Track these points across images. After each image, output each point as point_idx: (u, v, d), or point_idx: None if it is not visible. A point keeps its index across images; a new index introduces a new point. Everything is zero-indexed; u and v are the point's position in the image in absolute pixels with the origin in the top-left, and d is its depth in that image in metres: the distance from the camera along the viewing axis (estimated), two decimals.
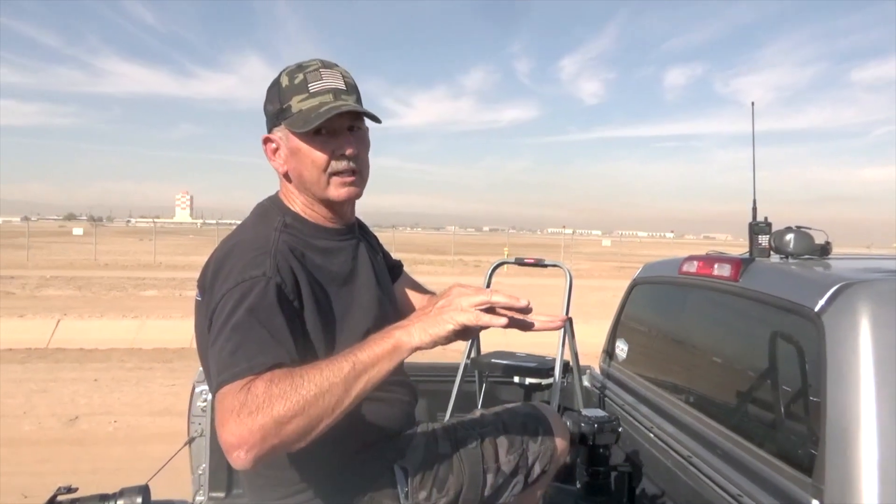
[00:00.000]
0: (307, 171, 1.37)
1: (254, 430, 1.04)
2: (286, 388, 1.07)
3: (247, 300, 1.20)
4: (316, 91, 1.35)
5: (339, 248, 1.45)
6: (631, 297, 2.86)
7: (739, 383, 1.99)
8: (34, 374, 7.25)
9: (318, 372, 1.10)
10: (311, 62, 1.39)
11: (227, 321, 1.18)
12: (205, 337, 1.32)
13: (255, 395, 1.06)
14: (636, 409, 2.41)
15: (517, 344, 3.45)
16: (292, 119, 1.35)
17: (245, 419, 1.04)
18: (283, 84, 1.37)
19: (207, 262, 1.34)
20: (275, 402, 1.06)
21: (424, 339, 1.16)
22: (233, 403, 1.07)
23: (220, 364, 1.14)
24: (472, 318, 1.16)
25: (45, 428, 5.47)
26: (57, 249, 30.72)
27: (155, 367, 7.79)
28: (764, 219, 2.03)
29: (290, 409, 1.06)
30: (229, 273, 1.24)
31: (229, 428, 1.05)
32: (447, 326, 1.16)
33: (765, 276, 1.87)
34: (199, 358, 1.42)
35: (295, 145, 1.37)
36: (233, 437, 1.04)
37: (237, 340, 1.15)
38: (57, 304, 12.10)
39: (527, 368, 2.63)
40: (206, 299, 1.29)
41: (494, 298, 1.19)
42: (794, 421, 1.68)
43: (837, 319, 1.49)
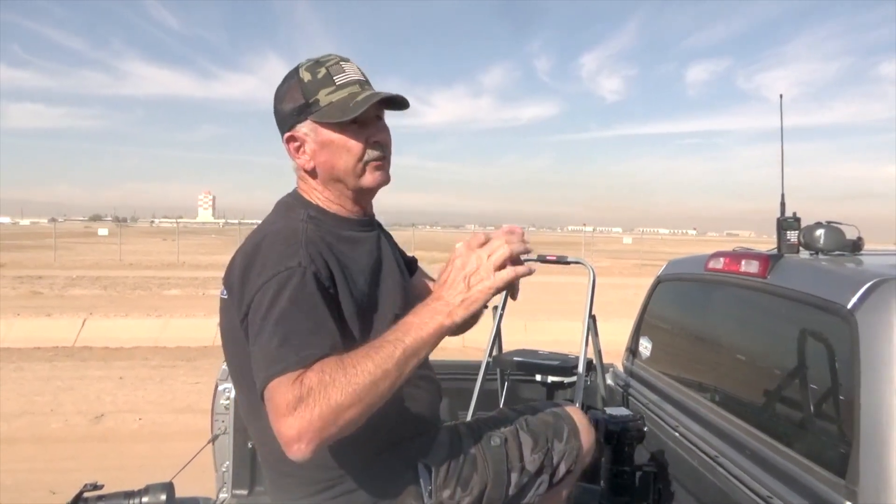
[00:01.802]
0: (342, 160, 1.38)
1: (313, 422, 1.06)
2: (340, 378, 1.10)
3: (286, 291, 1.19)
4: (343, 83, 1.36)
5: (363, 238, 1.45)
6: (655, 294, 2.82)
7: (768, 382, 1.95)
8: (61, 372, 7.37)
9: (370, 359, 1.13)
10: (329, 57, 1.40)
11: (268, 313, 1.18)
12: (233, 334, 1.33)
13: (310, 388, 1.08)
14: (661, 407, 2.37)
15: (539, 342, 3.42)
16: (323, 111, 1.35)
17: (303, 412, 1.07)
18: (304, 79, 1.37)
19: (233, 259, 1.34)
20: (331, 393, 1.08)
21: (466, 315, 1.19)
22: (287, 397, 1.08)
23: (268, 357, 1.15)
24: (504, 279, 1.19)
25: (71, 425, 5.55)
26: (83, 250, 31.20)
27: (178, 365, 7.87)
28: (793, 214, 1.98)
29: (347, 399, 1.09)
30: (263, 266, 1.24)
31: (288, 422, 1.07)
32: (484, 297, 1.19)
33: (794, 272, 1.83)
34: (225, 355, 1.42)
35: (326, 138, 1.37)
36: (292, 430, 1.07)
37: (283, 333, 1.16)
38: (83, 304, 12.29)
39: (549, 367, 2.60)
40: (235, 296, 1.28)
41: (515, 248, 1.22)
42: (826, 420, 1.64)
43: (871, 316, 1.45)
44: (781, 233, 1.96)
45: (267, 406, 1.12)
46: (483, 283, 1.19)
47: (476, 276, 1.20)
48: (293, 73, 1.40)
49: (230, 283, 1.32)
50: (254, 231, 1.39)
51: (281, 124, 1.42)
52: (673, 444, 2.14)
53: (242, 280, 1.26)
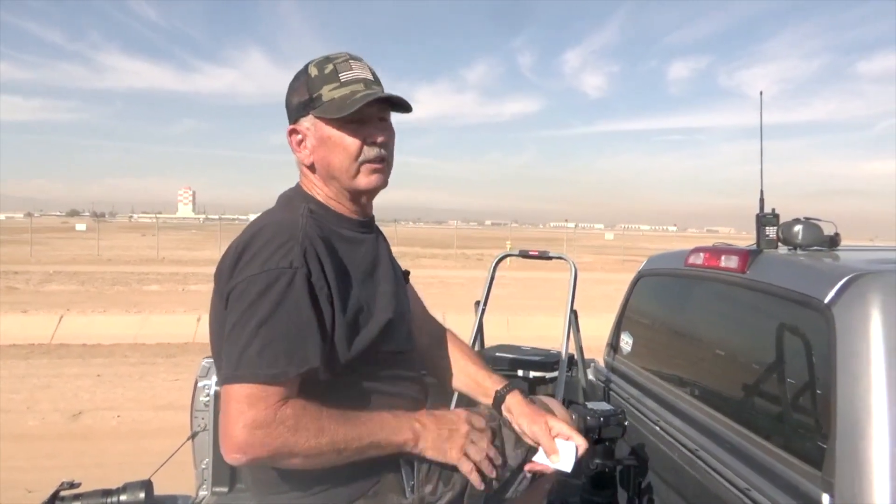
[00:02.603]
0: (337, 158, 1.38)
1: (268, 449, 1.14)
2: (312, 428, 1.18)
3: (272, 292, 1.20)
4: (347, 80, 1.36)
5: (361, 238, 1.46)
6: (636, 289, 2.84)
7: (747, 376, 1.97)
8: (37, 369, 7.27)
9: (343, 428, 1.22)
10: (340, 54, 1.41)
11: (251, 310, 1.18)
12: (218, 325, 1.32)
13: (282, 422, 1.15)
14: (641, 402, 2.39)
15: (522, 338, 3.43)
16: (324, 107, 1.36)
17: (265, 438, 1.13)
18: (311, 74, 1.38)
19: (228, 249, 1.33)
20: (298, 436, 1.16)
21: (428, 456, 1.35)
22: (256, 414, 1.13)
23: (243, 358, 1.15)
24: (466, 465, 1.37)
25: (48, 423, 5.48)
26: (60, 245, 30.78)
27: (158, 362, 7.80)
28: (771, 210, 2.01)
29: (305, 450, 1.17)
30: (254, 256, 1.24)
31: (244, 435, 1.12)
32: (448, 457, 1.36)
33: (773, 267, 1.85)
34: (212, 348, 1.40)
35: (325, 134, 1.37)
36: (243, 442, 1.12)
37: (263, 339, 1.17)
38: (60, 300, 12.12)
39: (531, 362, 2.61)
40: (224, 281, 1.27)
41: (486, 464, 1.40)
42: (804, 414, 1.66)
43: (848, 311, 1.47)
44: (760, 228, 1.98)
45: (224, 401, 1.15)
46: (450, 451, 1.36)
47: (454, 442, 1.36)
48: (305, 68, 1.41)
49: (220, 270, 1.31)
50: (253, 221, 1.39)
51: (288, 117, 1.43)
52: (653, 439, 2.16)
53: (234, 265, 1.26)
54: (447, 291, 14.65)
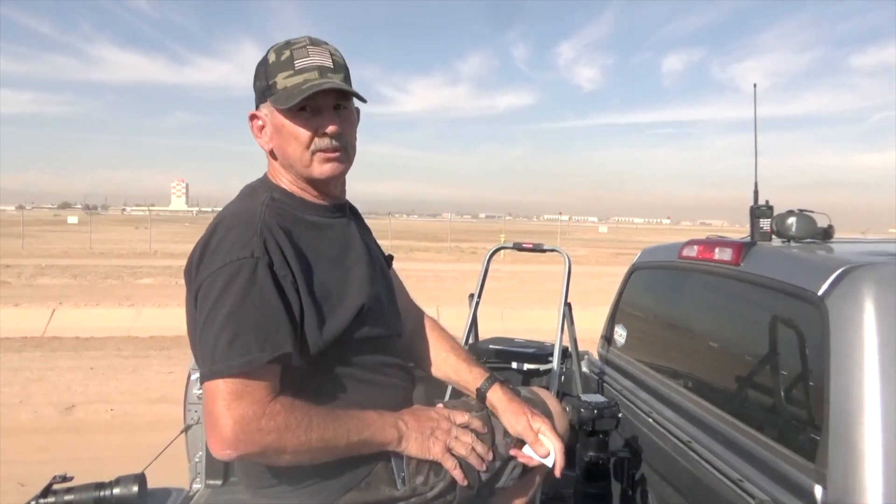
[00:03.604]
0: (290, 148, 1.37)
1: (258, 445, 1.15)
2: (302, 426, 1.19)
3: (236, 283, 1.19)
4: (301, 68, 1.34)
5: (328, 224, 1.44)
6: (630, 282, 2.84)
7: (740, 368, 1.98)
8: (30, 363, 7.23)
9: (331, 425, 1.23)
10: (300, 39, 1.37)
11: (217, 304, 1.18)
12: (193, 323, 1.31)
13: (272, 417, 1.15)
14: (635, 394, 2.40)
15: (516, 330, 3.44)
16: (276, 96, 1.34)
17: (254, 434, 1.14)
18: (269, 61, 1.36)
19: (194, 247, 1.33)
20: (288, 434, 1.17)
21: (411, 454, 1.36)
22: (245, 412, 1.14)
23: (216, 353, 1.15)
24: (450, 461, 1.39)
25: (41, 416, 5.46)
26: (52, 238, 30.59)
27: (151, 355, 7.78)
28: (765, 202, 2.01)
29: (294, 446, 1.18)
30: (215, 251, 1.23)
31: (237, 429, 1.13)
32: (432, 454, 1.37)
33: (767, 259, 1.85)
34: (191, 343, 1.40)
35: (279, 122, 1.36)
36: (233, 438, 1.13)
37: (232, 329, 1.16)
38: (52, 293, 12.06)
39: (525, 354, 2.61)
40: (191, 280, 1.28)
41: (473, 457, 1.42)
42: (797, 405, 1.67)
43: (841, 303, 1.48)
44: (754, 221, 1.99)
45: (208, 399, 1.15)
46: (434, 448, 1.37)
47: (437, 438, 1.38)
48: (267, 53, 1.39)
49: (188, 269, 1.31)
50: (215, 217, 1.38)
51: (255, 101, 1.42)
52: (647, 430, 2.17)
53: (198, 263, 1.26)
54: (441, 285, 14.64)
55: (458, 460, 1.43)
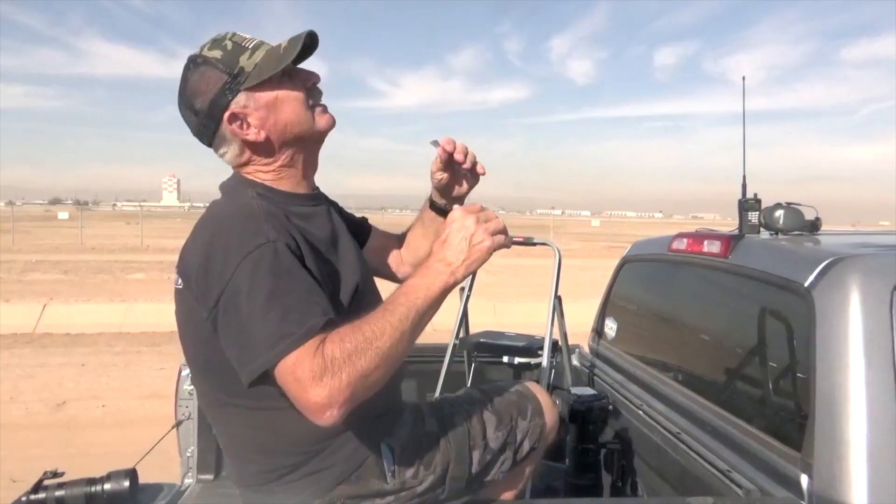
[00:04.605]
0: (292, 113, 1.35)
1: (343, 389, 1.09)
2: (360, 343, 1.12)
3: (263, 268, 1.17)
4: (254, 46, 1.33)
5: (314, 212, 1.43)
6: (620, 275, 2.86)
7: (729, 360, 1.99)
8: (21, 359, 7.20)
9: (387, 324, 1.16)
10: (220, 34, 1.36)
11: (252, 296, 1.15)
12: (193, 325, 1.30)
13: (332, 358, 1.10)
14: (625, 387, 2.41)
15: (507, 324, 3.45)
16: (253, 75, 1.31)
17: (330, 381, 1.08)
18: (217, 57, 1.32)
19: (187, 248, 1.30)
20: (355, 359, 1.11)
21: (467, 274, 1.26)
22: (310, 369, 1.09)
23: (271, 337, 1.12)
24: (500, 243, 1.30)
25: (32, 413, 5.44)
26: (42, 234, 30.42)
27: (143, 351, 7.76)
28: (754, 195, 2.02)
29: (371, 362, 1.12)
30: (228, 249, 1.20)
31: (316, 392, 1.08)
32: (483, 257, 1.27)
33: (754, 252, 1.87)
34: (184, 347, 1.39)
35: (269, 98, 1.33)
36: (322, 398, 1.08)
37: (279, 309, 1.14)
38: (43, 289, 12.00)
39: (516, 348, 2.62)
40: (197, 288, 1.23)
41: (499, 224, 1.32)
42: (784, 396, 1.68)
43: (827, 294, 1.49)
44: (743, 214, 2.00)
45: (285, 383, 1.12)
46: (483, 244, 1.27)
47: (477, 237, 1.26)
48: (194, 63, 1.34)
49: (186, 273, 1.28)
50: (203, 218, 1.34)
51: (210, 116, 1.34)
52: (637, 423, 2.18)
53: (205, 270, 1.21)
54: None
55: (452, 450, 1.44)
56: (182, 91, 1.36)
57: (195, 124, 1.37)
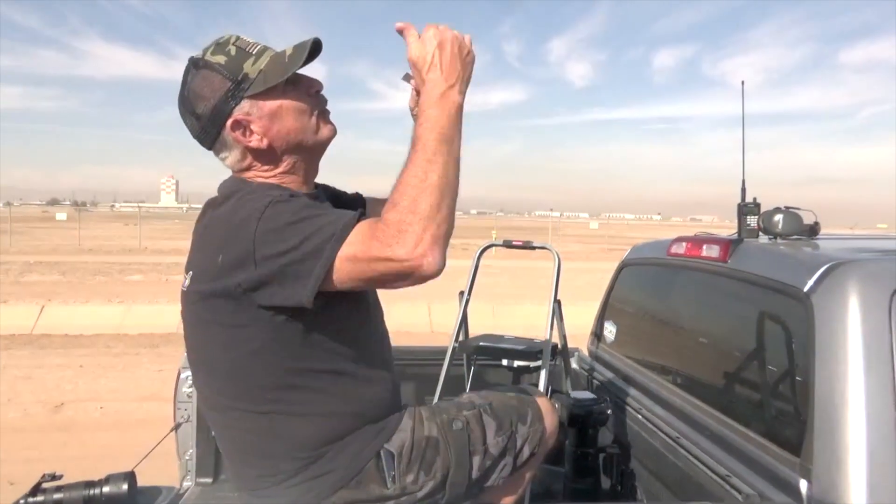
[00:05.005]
0: (296, 121, 1.35)
1: (423, 234, 1.10)
2: (413, 191, 1.13)
3: (289, 208, 1.19)
4: (258, 52, 1.32)
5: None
6: (619, 278, 2.86)
7: (728, 364, 1.99)
8: (18, 360, 7.18)
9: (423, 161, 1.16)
10: (223, 37, 1.35)
11: (288, 230, 1.16)
12: (200, 325, 1.31)
13: (397, 215, 1.11)
14: (624, 390, 2.41)
15: (507, 326, 3.45)
16: (258, 82, 1.30)
17: (405, 234, 1.10)
18: (220, 62, 1.30)
19: (202, 242, 1.30)
20: (418, 203, 1.12)
21: (467, 87, 1.27)
22: (382, 235, 1.11)
23: (323, 237, 1.14)
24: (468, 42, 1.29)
25: (30, 415, 5.43)
26: (40, 235, 30.37)
27: (142, 353, 7.74)
28: (753, 199, 2.02)
29: (434, 198, 1.13)
30: (249, 216, 1.19)
31: (400, 248, 1.09)
32: (472, 66, 1.28)
33: (753, 256, 1.87)
34: (188, 345, 1.39)
35: (273, 106, 1.32)
36: (409, 249, 1.09)
37: (319, 219, 1.16)
38: (41, 290, 11.97)
39: (515, 351, 2.62)
40: (219, 264, 1.21)
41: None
42: (783, 401, 1.68)
43: (826, 299, 1.49)
44: (742, 218, 2.00)
45: (369, 265, 1.13)
46: (464, 52, 1.27)
47: (457, 49, 1.26)
48: (196, 66, 1.32)
49: (202, 261, 1.28)
50: (215, 213, 1.32)
51: (212, 121, 1.33)
52: (636, 427, 2.18)
53: (232, 242, 1.20)
54: (433, 281, 14.64)
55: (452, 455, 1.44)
56: (183, 94, 1.35)
57: (196, 128, 1.36)
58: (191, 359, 1.41)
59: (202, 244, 1.31)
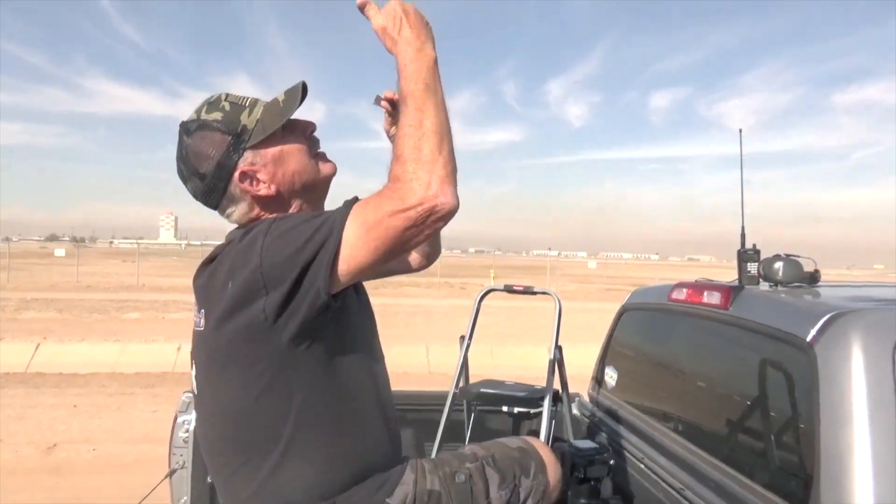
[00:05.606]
0: (299, 163, 1.38)
1: (431, 176, 1.12)
2: (412, 140, 1.15)
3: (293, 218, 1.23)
4: (251, 104, 1.37)
5: None
6: (620, 323, 2.85)
7: (731, 413, 1.98)
8: (12, 399, 7.10)
9: (414, 110, 1.18)
10: (212, 98, 1.39)
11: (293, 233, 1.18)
12: (215, 367, 1.30)
13: (401, 167, 1.14)
14: (626, 438, 2.38)
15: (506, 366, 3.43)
16: (257, 131, 1.34)
17: (414, 181, 1.12)
18: (217, 119, 1.34)
19: (211, 277, 1.29)
20: (420, 150, 1.14)
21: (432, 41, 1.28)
22: (391, 192, 1.13)
23: (329, 225, 1.16)
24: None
25: (22, 456, 5.34)
26: (39, 271, 30.31)
27: (136, 392, 7.65)
28: (752, 246, 2.03)
29: (433, 142, 1.15)
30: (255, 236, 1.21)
31: (412, 195, 1.11)
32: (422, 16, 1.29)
33: (755, 304, 1.87)
34: (199, 387, 1.37)
35: (274, 153, 1.36)
36: (422, 192, 1.11)
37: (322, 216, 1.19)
38: (37, 327, 11.89)
39: (515, 398, 2.60)
40: (229, 288, 1.22)
41: None
42: (787, 452, 1.67)
43: (830, 349, 1.49)
44: (742, 265, 2.00)
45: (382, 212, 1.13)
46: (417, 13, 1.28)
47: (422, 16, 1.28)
48: (191, 128, 1.35)
49: (213, 295, 1.27)
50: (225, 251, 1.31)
51: (218, 177, 1.35)
52: (639, 476, 2.15)
53: (236, 267, 1.21)
54: (431, 321, 14.58)
55: None
56: (183, 158, 1.37)
57: (201, 189, 1.38)
58: (198, 401, 1.40)
59: (211, 279, 1.30)
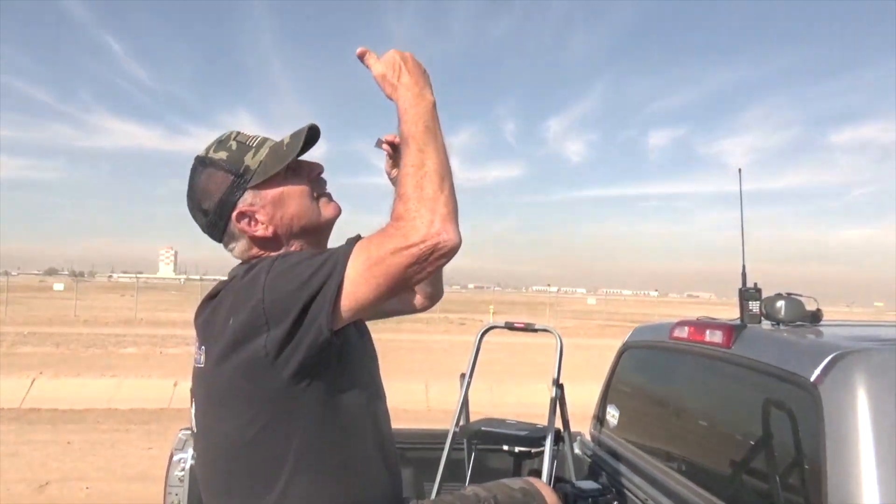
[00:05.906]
0: (299, 206, 1.38)
1: (433, 214, 1.13)
2: (414, 180, 1.16)
3: (297, 255, 1.24)
4: (257, 144, 1.38)
5: None
6: (621, 361, 2.83)
7: (734, 453, 1.95)
8: (5, 436, 7.01)
9: (415, 151, 1.20)
10: (223, 136, 1.41)
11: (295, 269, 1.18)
12: (217, 405, 1.28)
13: (404, 206, 1.15)
14: (629, 479, 2.35)
15: (505, 404, 3.39)
16: (259, 172, 1.35)
17: (417, 219, 1.13)
18: (223, 158, 1.36)
19: (213, 314, 1.29)
20: (422, 189, 1.15)
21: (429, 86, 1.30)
22: (394, 229, 1.14)
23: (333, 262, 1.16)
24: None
25: (13, 494, 5.24)
26: (36, 305, 30.23)
27: (131, 429, 7.56)
28: (754, 285, 2.03)
29: (435, 181, 1.16)
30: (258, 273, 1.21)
31: (415, 232, 1.12)
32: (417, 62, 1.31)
33: (758, 343, 1.86)
34: (200, 426, 1.35)
35: (275, 194, 1.36)
36: (425, 230, 1.12)
37: (325, 254, 1.20)
38: (33, 362, 11.80)
39: (516, 437, 2.57)
40: (231, 324, 1.22)
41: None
42: (792, 493, 1.64)
43: (834, 390, 1.48)
44: (743, 303, 2.00)
45: (385, 250, 1.13)
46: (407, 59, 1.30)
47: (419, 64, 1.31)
48: (201, 165, 1.38)
49: (214, 332, 1.26)
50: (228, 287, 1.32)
51: (219, 215, 1.37)
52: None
53: (238, 303, 1.22)
54: (430, 357, 14.48)
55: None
56: (191, 192, 1.40)
57: (205, 224, 1.40)
58: (196, 439, 1.37)
59: (213, 315, 1.29)
